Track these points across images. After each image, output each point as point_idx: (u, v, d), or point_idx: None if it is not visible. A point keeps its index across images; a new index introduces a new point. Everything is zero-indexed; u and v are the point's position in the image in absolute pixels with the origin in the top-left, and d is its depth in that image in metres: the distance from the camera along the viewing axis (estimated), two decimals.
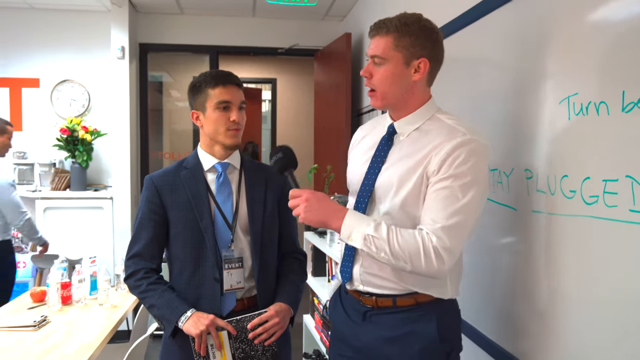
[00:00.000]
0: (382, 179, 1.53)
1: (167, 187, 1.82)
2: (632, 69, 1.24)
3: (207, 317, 1.70)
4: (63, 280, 2.84)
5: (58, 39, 4.71)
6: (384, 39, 1.47)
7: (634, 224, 1.21)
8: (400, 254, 1.38)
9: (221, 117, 1.79)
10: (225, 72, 1.82)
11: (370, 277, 1.55)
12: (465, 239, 1.43)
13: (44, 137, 4.62)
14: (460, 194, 1.38)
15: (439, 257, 1.36)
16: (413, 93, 1.51)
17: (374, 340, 1.55)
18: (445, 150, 1.41)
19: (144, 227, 1.82)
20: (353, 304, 1.62)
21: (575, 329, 1.44)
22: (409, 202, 1.46)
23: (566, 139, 1.48)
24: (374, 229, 1.40)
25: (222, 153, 1.86)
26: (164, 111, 5.65)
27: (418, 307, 1.51)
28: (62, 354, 2.18)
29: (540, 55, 1.62)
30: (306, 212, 1.46)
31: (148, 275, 1.79)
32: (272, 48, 5.00)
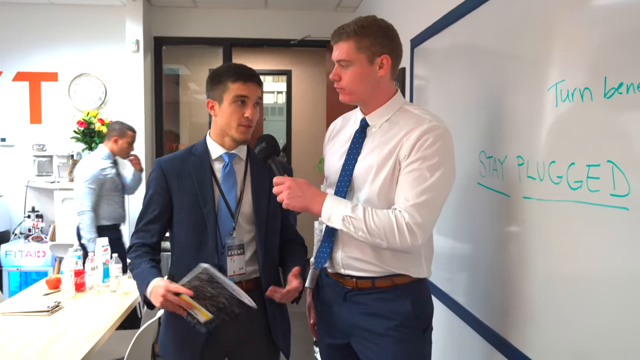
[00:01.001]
0: (359, 169, 1.64)
1: (174, 172, 1.87)
2: (613, 55, 1.25)
3: (161, 286, 1.67)
4: (77, 268, 2.93)
5: (76, 33, 4.82)
6: (346, 44, 1.58)
7: (614, 208, 1.22)
8: (376, 231, 1.50)
9: (236, 111, 1.82)
10: (247, 69, 1.85)
11: (352, 261, 1.65)
12: (437, 215, 1.55)
13: (62, 129, 4.74)
14: (429, 174, 1.50)
15: (412, 233, 1.48)
16: (380, 88, 1.63)
17: (354, 317, 1.67)
18: (414, 136, 1.53)
19: (149, 206, 1.88)
20: (334, 286, 1.73)
21: (564, 309, 1.45)
22: (385, 187, 1.58)
23: (554, 125, 1.49)
24: (351, 210, 1.53)
25: (230, 144, 1.90)
26: (180, 103, 5.73)
27: (395, 288, 1.63)
28: (72, 338, 2.25)
29: (530, 43, 1.63)
30: (289, 199, 1.60)
31: (138, 249, 1.85)
32: (285, 40, 5.03)
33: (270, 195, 1.91)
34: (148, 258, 1.85)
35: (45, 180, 4.66)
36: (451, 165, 1.56)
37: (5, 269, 4.44)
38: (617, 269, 1.24)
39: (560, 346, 1.47)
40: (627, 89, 1.18)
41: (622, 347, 1.23)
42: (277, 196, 1.67)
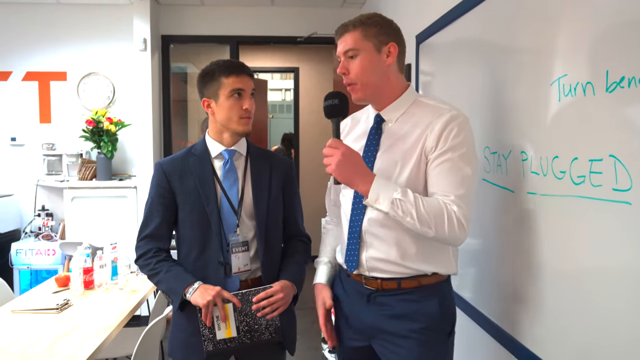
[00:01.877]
0: (379, 165, 1.59)
1: (176, 172, 1.89)
2: (614, 49, 1.24)
3: (213, 288, 1.77)
4: (86, 266, 2.95)
5: (83, 33, 4.84)
6: (352, 34, 1.57)
7: (617, 203, 1.21)
8: (426, 218, 1.43)
9: (234, 105, 1.84)
10: (238, 62, 1.89)
11: (376, 262, 1.60)
12: (473, 207, 1.52)
13: (71, 128, 4.77)
14: (462, 164, 1.48)
15: (461, 225, 1.45)
16: (388, 78, 1.60)
17: (378, 318, 1.61)
18: (439, 127, 1.50)
19: (154, 210, 1.90)
20: (356, 286, 1.67)
21: (569, 304, 1.45)
22: (412, 182, 1.53)
23: (556, 120, 1.48)
24: (401, 194, 1.44)
25: (229, 140, 1.91)
26: (189, 101, 5.75)
27: (421, 289, 1.58)
28: (81, 334, 2.28)
29: (533, 38, 1.62)
30: (337, 166, 1.47)
31: (157, 254, 1.88)
32: (292, 37, 5.03)
33: (271, 189, 1.92)
34: (176, 263, 1.89)
35: (54, 179, 4.70)
36: (475, 153, 1.56)
37: (16, 267, 4.48)
38: (621, 264, 1.23)
39: (566, 342, 1.46)
40: (629, 82, 1.17)
41: (629, 343, 1.23)
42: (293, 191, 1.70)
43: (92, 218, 4.57)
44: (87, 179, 4.65)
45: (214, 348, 1.79)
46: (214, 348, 1.79)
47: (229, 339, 1.79)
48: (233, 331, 1.79)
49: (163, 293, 1.91)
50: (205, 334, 1.78)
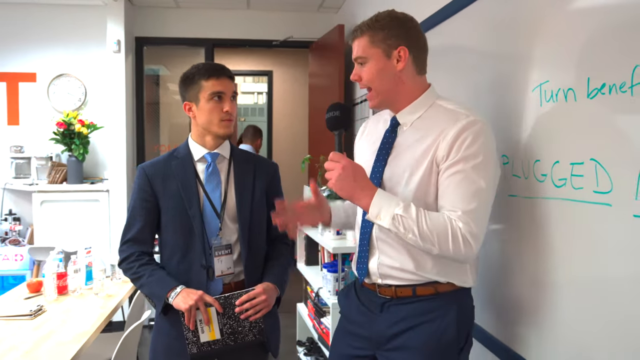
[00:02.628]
0: (390, 170, 1.54)
1: (158, 176, 1.88)
2: (596, 56, 1.29)
3: (196, 292, 1.76)
4: (59, 271, 2.89)
5: (55, 33, 4.74)
6: (361, 40, 1.52)
7: (597, 204, 1.26)
8: (428, 236, 1.37)
9: (215, 107, 1.84)
10: (218, 65, 1.88)
11: (388, 269, 1.54)
12: (487, 220, 1.43)
13: (41, 131, 4.66)
14: (476, 176, 1.38)
15: (467, 243, 1.36)
16: (403, 82, 1.52)
17: (388, 329, 1.54)
18: (452, 135, 1.41)
19: (136, 214, 1.88)
20: (370, 296, 1.61)
21: (552, 305, 1.49)
22: (422, 190, 1.46)
23: (538, 125, 1.53)
24: (403, 209, 1.38)
25: (212, 143, 1.91)
26: (160, 104, 5.69)
27: (438, 296, 1.50)
28: (58, 341, 2.23)
29: (515, 45, 1.67)
30: (338, 180, 1.42)
31: (140, 257, 1.87)
32: (267, 40, 5.03)
33: (254, 193, 1.93)
34: (158, 267, 1.88)
35: (23, 182, 4.58)
36: (495, 161, 1.45)
37: None
38: (602, 263, 1.28)
39: (554, 343, 1.51)
40: (610, 89, 1.22)
41: (615, 342, 1.27)
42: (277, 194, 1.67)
43: (63, 222, 4.47)
44: (57, 183, 4.54)
45: (198, 351, 1.79)
46: (198, 351, 1.79)
47: (212, 341, 1.79)
48: (217, 334, 1.79)
49: (146, 297, 1.89)
50: (189, 337, 1.78)
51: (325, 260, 3.50)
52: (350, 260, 3.34)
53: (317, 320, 3.43)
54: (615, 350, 1.24)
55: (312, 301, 3.58)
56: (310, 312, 3.66)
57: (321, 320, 3.32)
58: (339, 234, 3.23)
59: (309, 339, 3.98)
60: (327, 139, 4.42)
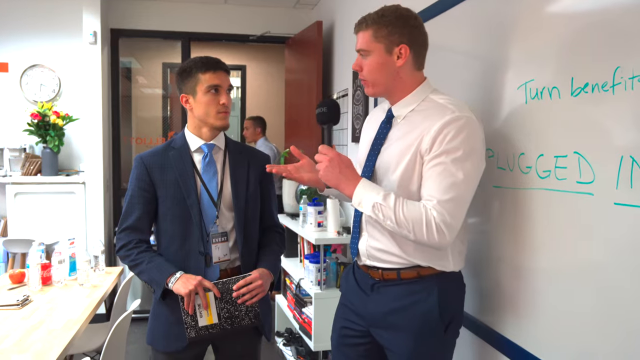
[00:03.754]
0: (381, 159, 1.66)
1: (156, 166, 1.93)
2: (579, 57, 1.41)
3: (195, 278, 1.83)
4: (42, 262, 2.89)
5: (27, 23, 4.66)
6: (365, 33, 1.60)
7: (580, 194, 1.38)
8: (404, 223, 1.48)
9: (212, 100, 1.91)
10: (214, 59, 1.94)
11: (375, 251, 1.68)
12: (464, 211, 1.53)
13: (13, 122, 4.58)
14: (454, 169, 1.47)
15: (440, 232, 1.46)
16: (400, 77, 1.61)
17: (379, 310, 1.67)
18: (436, 129, 1.50)
19: (134, 203, 1.93)
20: (363, 277, 1.76)
21: (537, 294, 1.61)
22: (405, 179, 1.57)
23: (523, 120, 1.64)
24: (382, 198, 1.50)
25: (208, 135, 1.97)
26: (132, 97, 5.64)
27: (421, 279, 1.62)
28: (49, 329, 2.25)
29: (501, 44, 1.77)
30: (325, 171, 1.57)
31: (138, 245, 1.92)
32: (244, 35, 5.07)
33: (249, 182, 2.00)
34: (156, 253, 1.94)
35: None
36: (478, 155, 1.52)
37: None
38: (584, 250, 1.40)
39: (536, 326, 1.63)
40: (593, 88, 1.34)
41: (596, 323, 1.39)
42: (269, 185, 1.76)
43: (38, 215, 4.43)
44: (31, 174, 4.49)
45: (196, 334, 1.85)
46: (196, 334, 1.85)
47: (210, 325, 1.86)
48: (214, 318, 1.86)
49: (145, 283, 1.94)
50: (187, 322, 1.84)
51: (306, 252, 3.58)
52: (332, 252, 3.45)
53: (297, 310, 3.52)
54: (594, 333, 1.37)
55: (292, 292, 3.66)
56: (290, 303, 3.74)
57: (302, 310, 3.40)
58: (320, 226, 3.33)
59: (288, 329, 4.07)
60: (305, 134, 4.50)
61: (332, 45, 4.30)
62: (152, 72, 5.90)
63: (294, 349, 3.77)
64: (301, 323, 3.43)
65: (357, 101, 3.60)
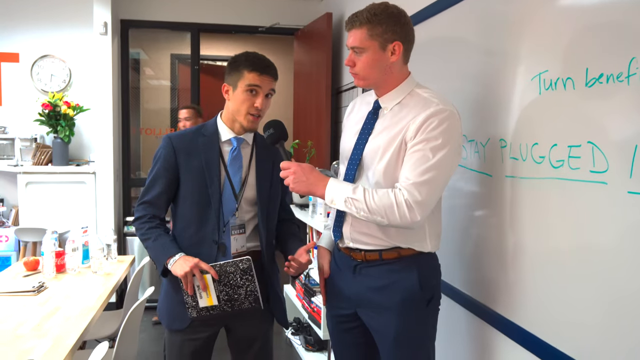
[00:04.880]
0: (369, 148, 1.73)
1: (184, 149, 1.95)
2: (594, 48, 1.42)
3: (192, 259, 1.84)
4: (56, 250, 2.93)
5: (38, 13, 4.70)
6: (359, 31, 1.66)
7: (594, 183, 1.41)
8: (376, 210, 1.59)
9: (247, 99, 1.90)
10: (266, 61, 1.92)
11: (359, 235, 1.76)
12: (438, 194, 1.64)
13: (25, 112, 4.63)
14: (431, 154, 1.58)
15: (411, 209, 1.57)
16: (392, 73, 1.71)
17: (362, 289, 1.77)
18: (420, 119, 1.61)
19: (157, 180, 1.96)
20: (345, 259, 1.84)
21: (549, 280, 1.63)
22: (391, 167, 1.66)
23: (537, 111, 1.66)
24: (352, 192, 1.62)
25: (239, 130, 1.99)
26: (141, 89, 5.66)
27: (401, 259, 1.73)
28: (65, 315, 2.29)
29: (514, 36, 1.79)
30: (294, 183, 1.70)
31: (151, 220, 1.96)
32: (253, 27, 5.08)
33: (273, 179, 2.03)
34: (165, 231, 1.96)
35: (7, 163, 4.55)
36: (455, 146, 1.62)
37: None
38: (598, 239, 1.42)
39: (547, 314, 1.65)
40: (607, 79, 1.36)
41: (605, 316, 1.42)
42: (284, 180, 1.78)
43: (49, 204, 4.48)
44: (42, 164, 4.53)
45: (197, 315, 1.89)
46: (197, 315, 1.89)
47: (210, 306, 1.89)
48: (214, 300, 1.89)
49: (150, 259, 2.00)
50: (188, 302, 1.88)
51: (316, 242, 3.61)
52: None
53: (306, 300, 3.55)
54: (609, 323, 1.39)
55: (301, 282, 3.69)
56: (299, 293, 3.77)
57: (311, 299, 3.44)
58: (329, 217, 3.35)
59: (296, 319, 4.10)
60: (314, 125, 4.52)
61: (341, 37, 4.31)
62: (161, 63, 5.91)
63: (302, 338, 3.81)
64: (310, 312, 3.47)
65: None
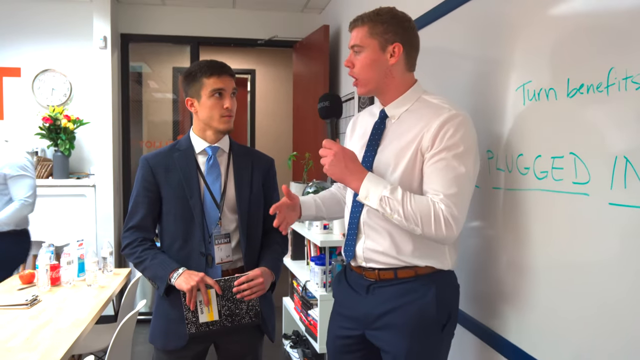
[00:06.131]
0: (379, 159, 1.65)
1: (161, 166, 1.96)
2: (574, 58, 1.42)
3: (197, 274, 1.86)
4: (51, 263, 2.94)
5: (40, 28, 4.75)
6: (361, 29, 1.62)
7: (576, 194, 1.39)
8: (412, 216, 1.48)
9: (215, 104, 1.94)
10: (219, 63, 1.97)
11: (372, 253, 1.66)
12: (467, 206, 1.55)
13: (26, 125, 4.67)
14: (456, 163, 1.50)
15: (448, 225, 1.47)
16: (393, 77, 1.63)
17: (374, 309, 1.65)
18: (435, 127, 1.52)
19: (139, 202, 1.97)
20: (357, 279, 1.74)
21: (535, 292, 1.62)
22: (406, 178, 1.57)
23: (521, 121, 1.66)
24: (390, 191, 1.50)
25: (213, 137, 2.01)
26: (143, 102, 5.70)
27: (417, 278, 1.62)
28: (56, 328, 2.29)
29: (500, 47, 1.79)
30: (331, 166, 1.56)
31: (142, 243, 1.96)
32: (252, 39, 5.10)
33: (252, 185, 2.03)
34: (160, 251, 1.97)
35: None
36: (475, 152, 1.56)
37: None
38: (580, 250, 1.41)
39: (537, 329, 1.63)
40: (588, 89, 1.35)
41: (590, 323, 1.40)
42: (270, 187, 1.78)
43: (49, 217, 4.49)
44: (43, 177, 4.55)
45: (196, 331, 1.88)
46: (196, 331, 1.88)
47: (211, 322, 1.89)
48: (215, 315, 1.89)
49: (148, 280, 1.98)
50: (188, 317, 1.87)
51: (312, 254, 3.60)
52: (338, 254, 3.46)
53: (304, 312, 3.53)
54: (593, 330, 1.37)
55: (299, 295, 3.67)
56: (297, 306, 3.76)
57: (308, 312, 3.42)
58: (326, 228, 3.34)
59: (295, 332, 4.08)
60: (312, 137, 4.53)
61: (338, 48, 4.33)
62: (163, 76, 5.96)
63: (300, 352, 3.78)
64: (307, 325, 3.45)
65: (362, 104, 3.62)
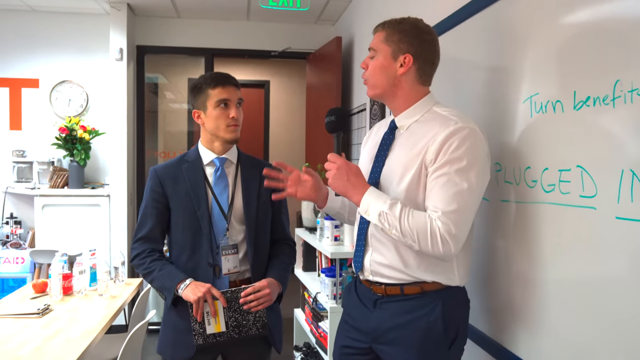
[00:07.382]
0: (386, 171, 1.65)
1: (170, 178, 1.98)
2: (581, 70, 1.40)
3: (204, 285, 1.87)
4: (64, 272, 2.97)
5: (58, 40, 4.84)
6: (380, 34, 1.64)
7: (583, 208, 1.37)
8: (409, 233, 1.47)
9: (221, 114, 1.96)
10: (223, 74, 1.99)
11: (378, 267, 1.65)
12: (470, 222, 1.53)
13: (43, 136, 4.75)
14: (458, 179, 1.47)
15: (445, 243, 1.45)
16: (401, 87, 1.62)
17: (381, 326, 1.64)
18: (440, 139, 1.50)
19: (148, 214, 1.99)
20: (366, 292, 1.73)
21: (544, 306, 1.59)
22: (412, 191, 1.56)
23: (529, 134, 1.64)
24: (388, 207, 1.50)
25: (220, 149, 2.02)
26: (159, 112, 5.77)
27: (424, 295, 1.59)
28: (66, 338, 2.31)
29: (507, 60, 1.78)
30: (333, 179, 1.59)
31: (151, 254, 1.97)
32: (266, 51, 5.14)
33: (260, 195, 2.03)
34: (169, 262, 1.99)
35: (24, 186, 4.65)
36: (482, 166, 1.51)
37: None
38: (587, 264, 1.38)
39: (546, 342, 1.61)
40: (594, 101, 1.34)
41: (601, 338, 1.37)
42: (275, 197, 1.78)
43: (64, 226, 4.55)
44: (58, 187, 4.62)
45: (203, 342, 1.88)
46: (203, 342, 1.88)
47: (218, 333, 1.89)
48: (222, 326, 1.89)
49: (156, 291, 1.99)
50: (195, 329, 1.87)
51: (323, 266, 3.59)
52: (348, 266, 3.45)
53: (314, 324, 3.52)
54: (602, 346, 1.35)
55: (310, 306, 3.66)
56: (308, 317, 3.74)
57: (319, 324, 3.40)
58: (337, 240, 3.33)
59: (306, 343, 4.06)
60: (324, 148, 4.53)
61: (351, 60, 4.34)
62: (179, 87, 6.04)
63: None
64: (317, 337, 3.43)
65: (374, 116, 3.62)
